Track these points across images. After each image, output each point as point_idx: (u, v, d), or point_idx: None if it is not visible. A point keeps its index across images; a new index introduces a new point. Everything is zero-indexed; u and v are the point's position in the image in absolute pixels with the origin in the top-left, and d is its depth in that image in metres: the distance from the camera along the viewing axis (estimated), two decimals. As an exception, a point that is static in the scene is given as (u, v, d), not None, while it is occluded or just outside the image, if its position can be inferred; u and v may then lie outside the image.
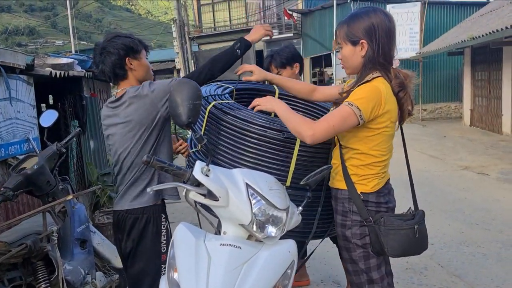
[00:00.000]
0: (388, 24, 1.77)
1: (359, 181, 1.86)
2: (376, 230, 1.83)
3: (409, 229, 1.83)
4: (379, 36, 1.75)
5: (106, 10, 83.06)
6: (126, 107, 1.99)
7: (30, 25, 58.37)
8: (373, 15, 1.76)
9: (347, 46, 1.83)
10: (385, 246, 1.82)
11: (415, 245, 1.87)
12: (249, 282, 1.40)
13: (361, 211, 1.84)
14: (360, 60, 1.81)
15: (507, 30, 7.99)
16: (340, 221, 1.91)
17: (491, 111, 11.41)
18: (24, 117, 3.58)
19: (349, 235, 1.89)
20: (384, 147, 1.86)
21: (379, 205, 1.88)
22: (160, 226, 2.06)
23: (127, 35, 2.10)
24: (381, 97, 1.73)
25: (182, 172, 1.53)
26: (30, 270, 2.20)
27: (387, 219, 1.82)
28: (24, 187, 2.41)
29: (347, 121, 1.72)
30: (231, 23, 21.39)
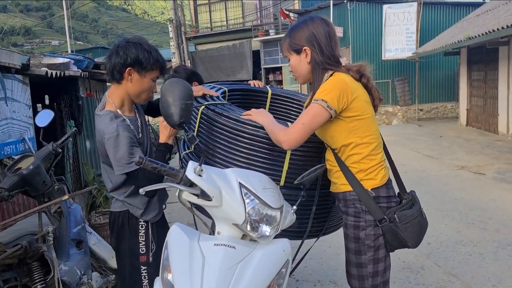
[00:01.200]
0: (326, 28, 1.85)
1: (366, 176, 1.85)
2: (393, 228, 1.82)
3: (419, 215, 1.88)
4: (319, 40, 1.83)
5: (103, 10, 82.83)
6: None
7: (26, 25, 58.13)
8: (311, 23, 1.86)
9: (293, 56, 1.91)
10: (408, 240, 1.83)
11: (425, 227, 1.94)
12: (243, 281, 1.40)
13: (375, 212, 1.82)
14: (307, 66, 1.89)
15: (503, 30, 8.03)
16: (353, 223, 1.87)
17: (487, 111, 11.45)
18: (19, 117, 3.57)
19: (362, 236, 1.85)
20: (373, 131, 1.88)
21: (390, 200, 1.87)
22: (137, 227, 2.05)
23: (147, 49, 1.96)
24: (346, 85, 1.79)
25: (175, 172, 1.53)
26: (25, 270, 2.18)
27: (400, 214, 1.82)
28: (20, 188, 2.40)
29: (317, 116, 1.76)
30: (228, 23, 21.38)
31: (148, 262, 2.05)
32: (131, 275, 2.06)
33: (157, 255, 2.04)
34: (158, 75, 2.03)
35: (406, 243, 1.85)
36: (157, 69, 2.00)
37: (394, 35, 14.64)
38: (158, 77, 2.04)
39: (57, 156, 2.66)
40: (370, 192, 1.83)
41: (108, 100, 2.02)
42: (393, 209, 1.84)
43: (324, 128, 1.85)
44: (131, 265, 2.06)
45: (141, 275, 2.04)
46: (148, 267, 2.05)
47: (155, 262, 2.04)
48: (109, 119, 1.93)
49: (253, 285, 1.40)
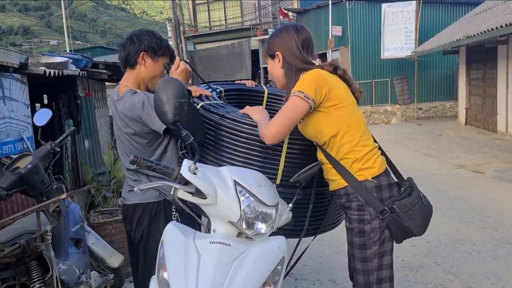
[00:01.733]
0: (296, 35, 1.94)
1: (364, 165, 1.84)
2: (396, 218, 1.81)
3: (419, 201, 1.87)
4: (290, 45, 1.93)
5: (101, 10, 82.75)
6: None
7: (25, 24, 58.06)
8: (284, 31, 1.97)
9: (269, 61, 2.02)
10: (413, 228, 1.83)
11: (428, 212, 1.92)
12: (239, 279, 1.40)
13: (374, 204, 1.82)
14: (281, 71, 1.98)
15: (502, 29, 8.03)
16: (357, 217, 1.86)
17: (486, 110, 11.46)
18: (18, 116, 3.56)
19: (368, 230, 1.84)
20: (357, 117, 1.88)
21: (391, 188, 1.86)
22: (170, 216, 2.09)
23: (159, 37, 2.16)
24: (322, 76, 1.82)
25: (169, 170, 1.53)
26: (24, 270, 2.17)
27: (399, 204, 1.82)
28: (18, 187, 2.40)
29: (296, 108, 1.80)
30: (227, 23, 21.37)
31: None
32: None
33: None
34: (169, 62, 2.19)
35: (411, 232, 1.84)
36: (168, 55, 2.18)
37: (393, 34, 14.65)
38: (168, 65, 2.20)
39: (55, 155, 2.66)
40: (369, 181, 1.83)
41: (123, 85, 2.15)
42: (392, 199, 1.83)
43: (310, 125, 1.88)
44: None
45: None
46: None
47: None
48: (132, 93, 2.06)
49: (249, 282, 1.40)
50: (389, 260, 1.88)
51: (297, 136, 1.94)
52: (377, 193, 1.83)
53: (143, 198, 2.10)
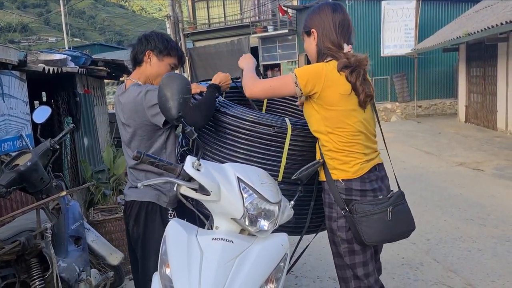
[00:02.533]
0: (332, 14, 1.95)
1: (340, 165, 1.86)
2: (352, 219, 1.83)
3: (382, 213, 1.82)
4: (325, 25, 1.93)
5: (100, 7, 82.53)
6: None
7: (23, 21, 57.91)
8: (322, 8, 1.98)
9: (306, 38, 2.04)
10: (362, 234, 1.81)
11: (392, 229, 1.84)
12: (241, 275, 1.39)
13: (338, 201, 1.84)
14: (315, 48, 1.99)
15: (502, 26, 8.02)
16: (328, 213, 1.92)
17: (486, 108, 11.46)
18: (17, 114, 3.55)
19: (335, 227, 1.89)
20: (346, 124, 1.84)
21: (364, 193, 1.85)
22: (166, 215, 2.11)
23: (167, 38, 2.25)
24: (321, 71, 1.83)
25: (173, 167, 1.52)
26: (24, 267, 2.17)
27: (358, 206, 1.82)
28: (17, 184, 2.38)
29: (284, 85, 1.86)
30: (226, 20, 21.32)
31: None
32: (156, 264, 2.07)
33: None
34: (176, 62, 2.27)
35: (360, 237, 1.83)
36: (175, 56, 2.24)
37: (392, 32, 14.64)
38: (176, 65, 2.29)
39: (54, 152, 2.65)
40: (340, 182, 1.84)
41: (130, 80, 2.21)
42: (355, 201, 1.83)
43: (306, 111, 1.94)
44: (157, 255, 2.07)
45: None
46: None
47: None
48: (137, 85, 2.13)
49: (251, 279, 1.40)
50: (362, 259, 1.89)
51: (299, 133, 1.93)
52: (345, 194, 1.85)
53: (139, 196, 2.13)
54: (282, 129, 1.87)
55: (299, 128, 1.93)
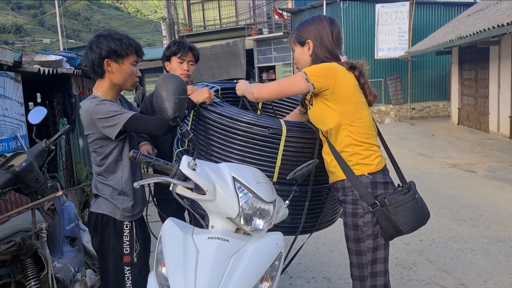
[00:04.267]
0: (330, 27, 2.00)
1: (362, 160, 1.88)
2: (385, 212, 1.84)
3: (413, 200, 1.89)
4: (322, 36, 1.98)
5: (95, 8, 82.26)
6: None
7: (17, 23, 57.60)
8: (318, 21, 2.01)
9: (297, 48, 2.05)
10: (400, 224, 1.84)
11: (421, 215, 1.93)
12: (237, 274, 1.41)
13: (366, 197, 1.85)
14: (308, 58, 2.01)
15: (494, 30, 8.10)
16: (351, 210, 1.90)
17: (478, 110, 11.56)
18: (12, 115, 3.55)
19: (361, 223, 1.87)
20: (364, 115, 1.93)
21: (387, 186, 1.89)
22: (121, 226, 2.05)
23: (118, 37, 2.02)
24: (332, 68, 1.87)
25: (169, 166, 1.54)
26: (19, 267, 2.17)
27: (391, 198, 1.85)
28: (12, 185, 2.39)
29: (294, 83, 1.88)
30: (221, 22, 21.35)
31: (132, 263, 2.04)
32: (115, 276, 2.04)
33: (141, 255, 2.07)
34: (136, 59, 2.08)
35: (398, 227, 1.86)
36: (133, 53, 2.05)
37: (386, 34, 14.73)
38: (137, 61, 2.09)
39: (50, 153, 2.65)
40: (366, 176, 1.86)
41: (93, 92, 2.10)
42: (384, 194, 1.86)
43: (315, 112, 1.93)
44: (115, 266, 2.04)
45: (124, 276, 2.03)
46: (132, 268, 2.04)
47: (139, 262, 2.06)
48: (91, 99, 2.02)
49: (247, 277, 1.42)
50: (383, 254, 1.91)
51: (294, 134, 1.95)
52: (371, 188, 1.86)
53: (96, 207, 2.08)
54: (277, 131, 1.88)
55: (294, 129, 1.95)
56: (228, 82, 2.54)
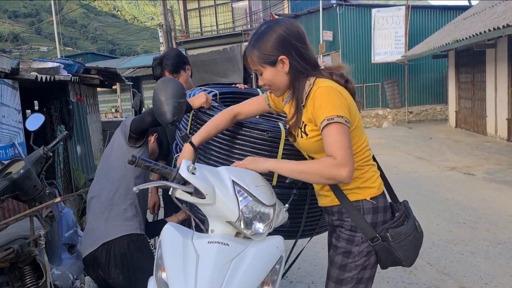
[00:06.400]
0: (296, 29, 1.63)
1: (364, 184, 1.67)
2: (387, 247, 1.65)
3: (414, 229, 1.71)
4: (295, 44, 1.60)
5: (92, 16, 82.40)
6: None
7: (15, 31, 57.65)
8: (278, 27, 1.61)
9: (267, 69, 1.64)
10: (403, 259, 1.68)
11: (420, 241, 1.78)
12: (237, 278, 1.40)
13: (366, 230, 1.64)
14: (285, 77, 1.64)
15: (490, 33, 8.15)
16: (348, 236, 1.68)
17: (476, 113, 11.59)
18: (9, 122, 3.54)
19: (355, 251, 1.67)
20: (365, 137, 1.73)
21: (386, 211, 1.70)
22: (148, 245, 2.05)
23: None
24: (340, 94, 1.58)
25: (168, 170, 1.53)
26: (17, 275, 2.15)
27: (394, 232, 1.64)
28: (10, 192, 2.36)
29: (347, 133, 1.54)
30: (218, 28, 21.42)
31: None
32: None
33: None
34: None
35: (400, 262, 1.70)
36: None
37: (383, 39, 14.79)
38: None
39: (48, 160, 2.63)
40: (367, 202, 1.66)
41: None
42: (386, 225, 1.66)
43: (318, 142, 1.62)
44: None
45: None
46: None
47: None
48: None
49: (247, 281, 1.40)
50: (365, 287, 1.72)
51: None
52: (372, 215, 1.67)
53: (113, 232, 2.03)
54: (276, 134, 1.88)
55: None
56: (226, 87, 2.54)
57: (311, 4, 17.38)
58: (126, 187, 2.07)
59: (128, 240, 2.01)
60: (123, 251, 1.99)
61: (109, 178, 2.13)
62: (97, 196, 2.15)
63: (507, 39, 9.15)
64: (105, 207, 2.07)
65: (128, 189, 2.07)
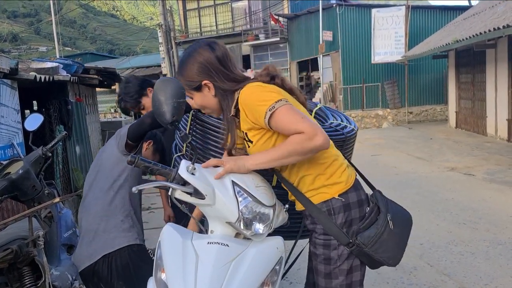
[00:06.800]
0: (212, 53, 1.63)
1: (328, 180, 1.58)
2: (364, 251, 1.56)
3: (386, 227, 1.57)
4: (216, 67, 1.62)
5: (91, 16, 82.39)
6: None
7: (13, 31, 57.65)
8: (197, 54, 1.64)
9: (195, 94, 1.68)
10: (385, 261, 1.60)
11: (400, 235, 1.63)
12: (237, 279, 1.39)
13: (338, 236, 1.55)
14: (214, 99, 1.66)
15: (490, 33, 8.15)
16: (323, 241, 1.59)
17: (476, 113, 11.59)
18: (8, 122, 3.53)
19: (334, 256, 1.57)
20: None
21: (362, 205, 1.60)
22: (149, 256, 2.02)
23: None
24: (264, 86, 1.57)
25: (167, 171, 1.52)
26: (16, 275, 2.15)
27: (362, 238, 1.54)
28: (9, 192, 2.36)
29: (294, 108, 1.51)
30: (217, 28, 21.41)
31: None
32: None
33: None
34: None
35: (385, 263, 1.61)
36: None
37: (383, 39, 14.79)
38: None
39: (46, 160, 2.63)
40: (336, 200, 1.56)
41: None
42: (354, 228, 1.56)
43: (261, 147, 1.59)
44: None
45: None
46: None
47: None
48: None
49: (247, 282, 1.40)
50: None
51: None
52: (344, 213, 1.56)
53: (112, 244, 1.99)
54: None
55: None
56: None
57: (311, 4, 17.38)
58: (122, 198, 2.05)
59: (129, 251, 1.98)
60: (125, 263, 1.97)
61: (102, 188, 2.11)
62: (90, 206, 2.13)
63: (507, 40, 9.15)
64: (100, 218, 2.04)
65: (124, 200, 2.05)
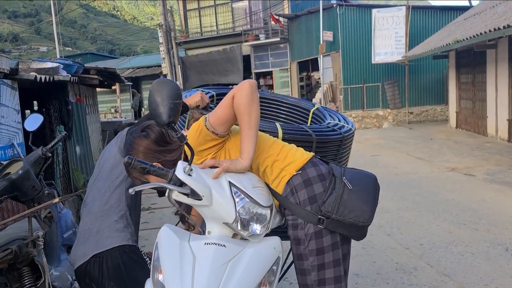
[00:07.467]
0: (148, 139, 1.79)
1: (285, 163, 1.63)
2: (336, 220, 1.55)
3: (345, 189, 1.58)
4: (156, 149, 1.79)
5: (91, 16, 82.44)
6: None
7: (14, 31, 57.70)
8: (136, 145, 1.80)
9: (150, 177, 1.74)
10: (357, 221, 1.55)
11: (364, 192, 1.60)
12: (234, 279, 1.39)
13: (305, 216, 1.57)
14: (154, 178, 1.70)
15: (490, 33, 8.14)
16: (291, 221, 1.62)
17: (476, 113, 11.58)
18: (8, 122, 3.53)
19: (302, 236, 1.59)
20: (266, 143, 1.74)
21: (323, 179, 1.61)
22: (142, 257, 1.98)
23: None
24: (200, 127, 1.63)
25: (164, 172, 1.52)
26: (16, 276, 2.15)
27: (326, 207, 1.55)
28: (9, 193, 2.36)
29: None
30: (218, 28, 21.42)
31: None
32: None
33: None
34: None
35: (358, 225, 1.57)
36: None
37: (383, 39, 14.79)
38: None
39: (46, 160, 2.63)
40: (296, 177, 1.60)
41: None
42: (320, 203, 1.57)
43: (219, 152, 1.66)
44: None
45: None
46: None
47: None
48: None
49: (244, 282, 1.40)
50: (332, 274, 1.60)
51: (289, 138, 1.93)
52: (306, 189, 1.59)
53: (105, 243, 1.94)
54: (273, 134, 1.87)
55: (289, 133, 1.94)
56: (224, 88, 2.55)
57: (311, 4, 17.39)
58: (117, 198, 2.04)
59: (121, 252, 1.94)
60: (116, 263, 1.93)
61: (100, 188, 2.10)
62: (89, 206, 2.12)
63: (508, 40, 9.14)
64: (96, 218, 2.04)
65: (120, 201, 2.04)
